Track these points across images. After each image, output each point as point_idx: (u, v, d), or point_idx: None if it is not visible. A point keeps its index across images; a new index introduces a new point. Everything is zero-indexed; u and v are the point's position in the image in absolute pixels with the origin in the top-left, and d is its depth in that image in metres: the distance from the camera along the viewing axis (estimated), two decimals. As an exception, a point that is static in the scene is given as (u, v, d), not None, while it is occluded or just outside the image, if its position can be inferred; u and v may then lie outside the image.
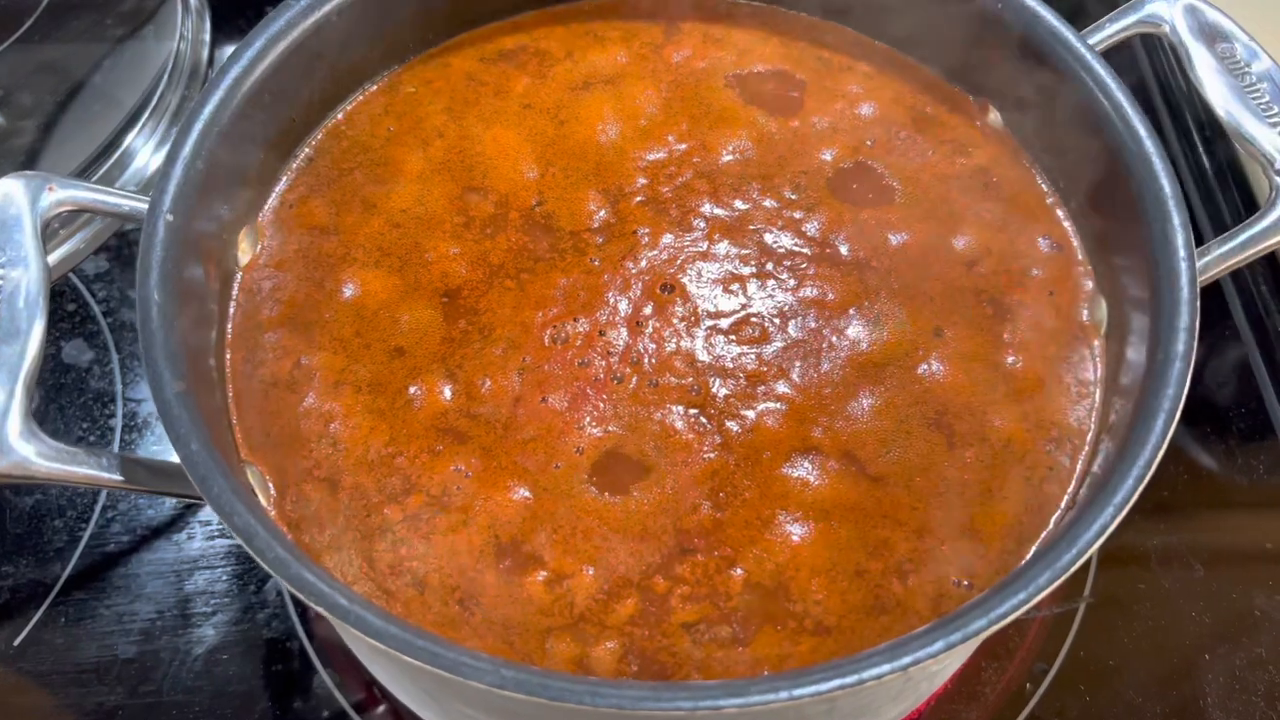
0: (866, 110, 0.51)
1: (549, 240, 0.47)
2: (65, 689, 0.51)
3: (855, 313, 0.45)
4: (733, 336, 0.45)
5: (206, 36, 0.66)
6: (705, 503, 0.41)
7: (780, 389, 0.43)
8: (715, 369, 0.44)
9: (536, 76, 0.52)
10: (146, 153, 0.61)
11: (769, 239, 0.47)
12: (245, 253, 0.46)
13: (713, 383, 0.43)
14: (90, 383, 0.60)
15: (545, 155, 0.50)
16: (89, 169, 0.59)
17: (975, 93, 0.51)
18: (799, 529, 0.40)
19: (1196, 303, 0.39)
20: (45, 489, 0.56)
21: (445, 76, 0.52)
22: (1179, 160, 0.68)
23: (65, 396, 0.59)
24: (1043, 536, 0.39)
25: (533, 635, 0.38)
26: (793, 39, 0.54)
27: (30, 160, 0.59)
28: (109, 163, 0.60)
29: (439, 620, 0.38)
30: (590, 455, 0.41)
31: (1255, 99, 0.44)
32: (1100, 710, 0.51)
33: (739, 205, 0.48)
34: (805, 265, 0.46)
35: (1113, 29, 0.48)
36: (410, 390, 0.43)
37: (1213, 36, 0.46)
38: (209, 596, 0.54)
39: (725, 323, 0.45)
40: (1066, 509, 0.40)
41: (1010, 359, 0.44)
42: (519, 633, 0.38)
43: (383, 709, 0.52)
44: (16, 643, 0.52)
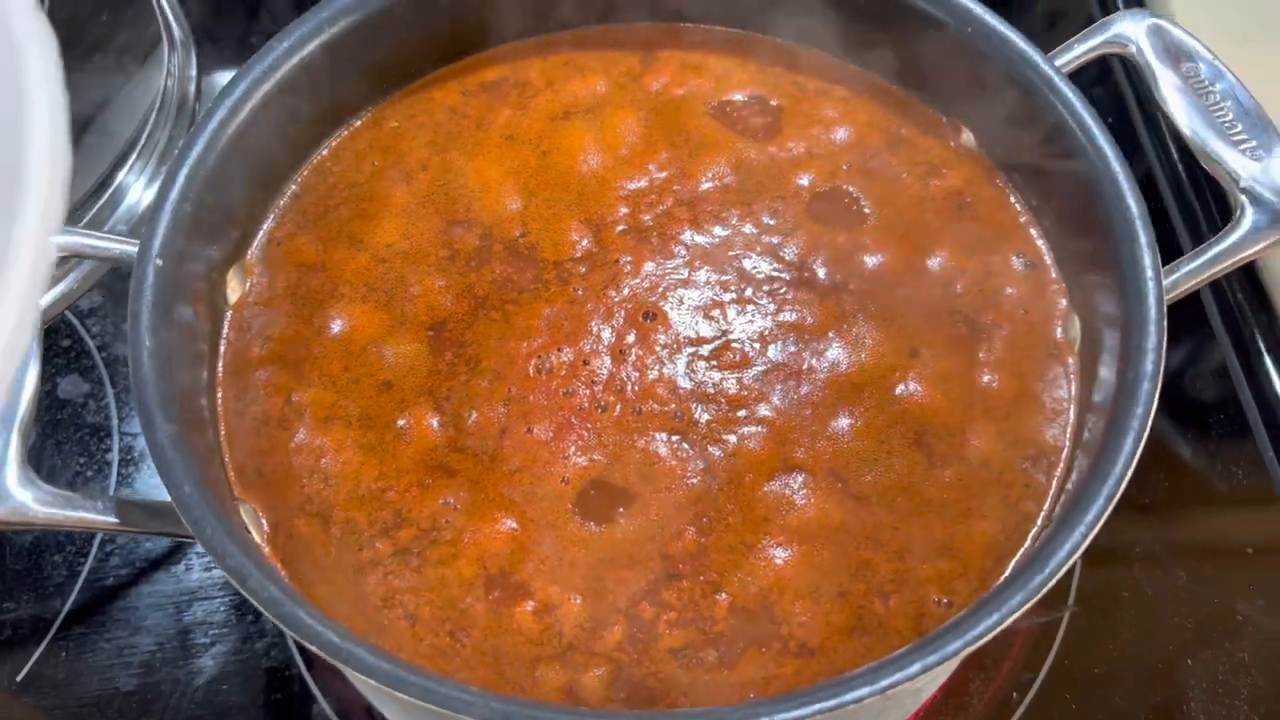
0: (842, 134, 0.52)
1: (533, 271, 0.48)
2: (68, 722, 0.52)
3: (834, 335, 0.46)
4: (714, 362, 0.45)
5: (193, 71, 0.67)
6: (690, 528, 0.41)
7: (761, 412, 0.44)
8: (697, 395, 0.44)
9: (518, 108, 0.53)
10: (138, 190, 0.62)
11: (748, 265, 0.48)
12: (234, 291, 0.47)
13: (695, 408, 0.44)
14: (86, 417, 0.60)
15: (528, 186, 0.50)
16: (81, 208, 0.60)
17: (949, 114, 0.52)
18: (782, 551, 0.41)
19: (1164, 322, 0.40)
20: (44, 524, 0.57)
21: (428, 110, 0.53)
22: (1158, 174, 0.69)
23: (61, 432, 0.60)
24: (1019, 554, 0.40)
25: (523, 664, 0.39)
26: (769, 64, 0.55)
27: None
28: (100, 201, 0.61)
29: (431, 652, 0.39)
30: (575, 485, 0.42)
31: (1219, 117, 0.45)
32: (1086, 717, 0.52)
33: (719, 232, 0.49)
34: (784, 290, 0.47)
35: (1080, 49, 0.49)
36: (399, 424, 0.44)
37: (1178, 56, 0.47)
38: (208, 627, 0.54)
39: (706, 349, 0.46)
40: (1043, 526, 0.41)
41: (986, 378, 0.45)
42: (509, 662, 0.39)
43: (381, 734, 0.53)
44: (19, 678, 0.53)
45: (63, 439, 0.60)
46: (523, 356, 0.45)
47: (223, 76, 0.70)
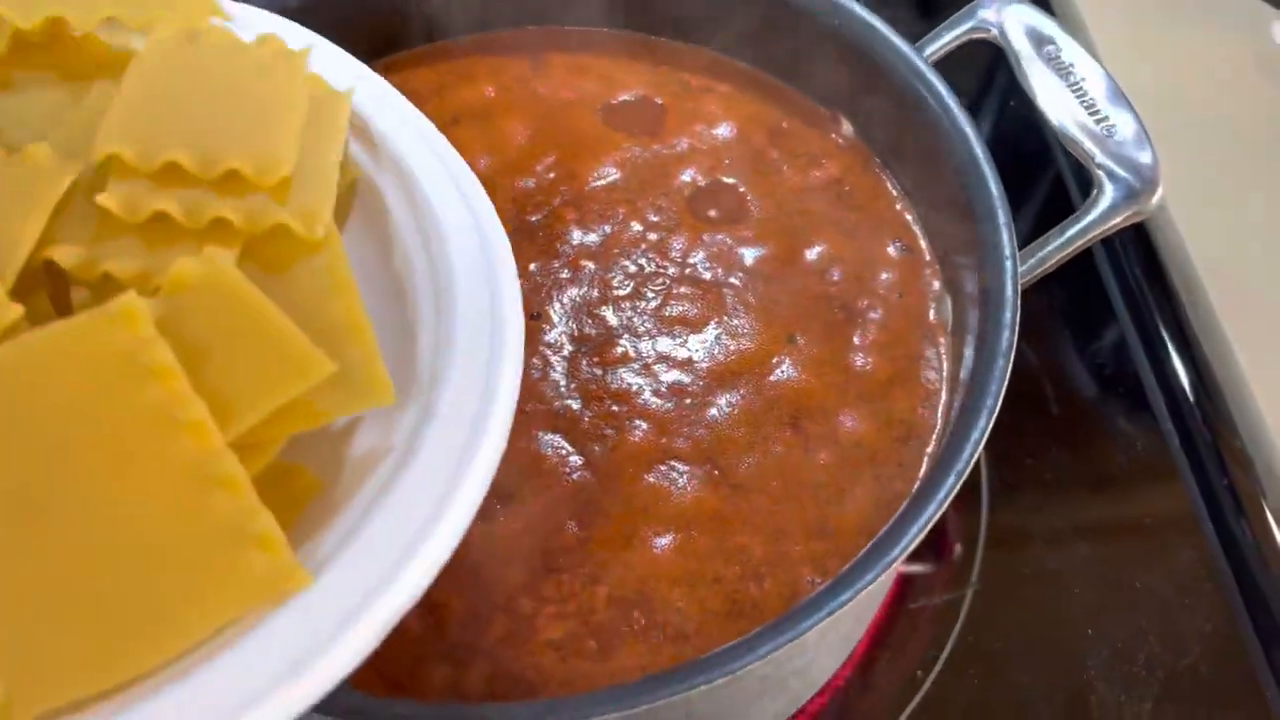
0: (724, 130, 0.53)
1: (420, 276, 0.48)
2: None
3: (714, 327, 0.47)
4: (596, 359, 0.46)
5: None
6: (571, 522, 0.42)
7: (642, 406, 0.45)
8: (580, 392, 0.45)
9: (406, 116, 0.54)
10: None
11: (632, 262, 0.49)
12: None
13: (576, 406, 0.45)
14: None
15: (416, 193, 0.51)
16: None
17: (828, 106, 0.53)
18: (660, 541, 0.42)
19: (1017, 300, 0.41)
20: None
21: (318, 122, 0.54)
22: (1057, 155, 0.70)
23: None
24: (880, 534, 0.41)
25: (405, 663, 0.40)
26: (655, 64, 0.56)
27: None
28: None
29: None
30: (456, 485, 0.43)
31: (1078, 97, 0.46)
32: (990, 691, 0.52)
33: (605, 229, 0.50)
34: (667, 285, 0.48)
35: (948, 37, 0.50)
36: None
37: (1039, 39, 0.48)
38: None
39: (589, 346, 0.46)
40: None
41: (861, 360, 0.46)
42: (393, 662, 0.40)
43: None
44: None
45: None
46: (408, 361, 0.46)
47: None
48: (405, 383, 0.31)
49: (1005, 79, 0.72)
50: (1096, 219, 0.44)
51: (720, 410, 0.44)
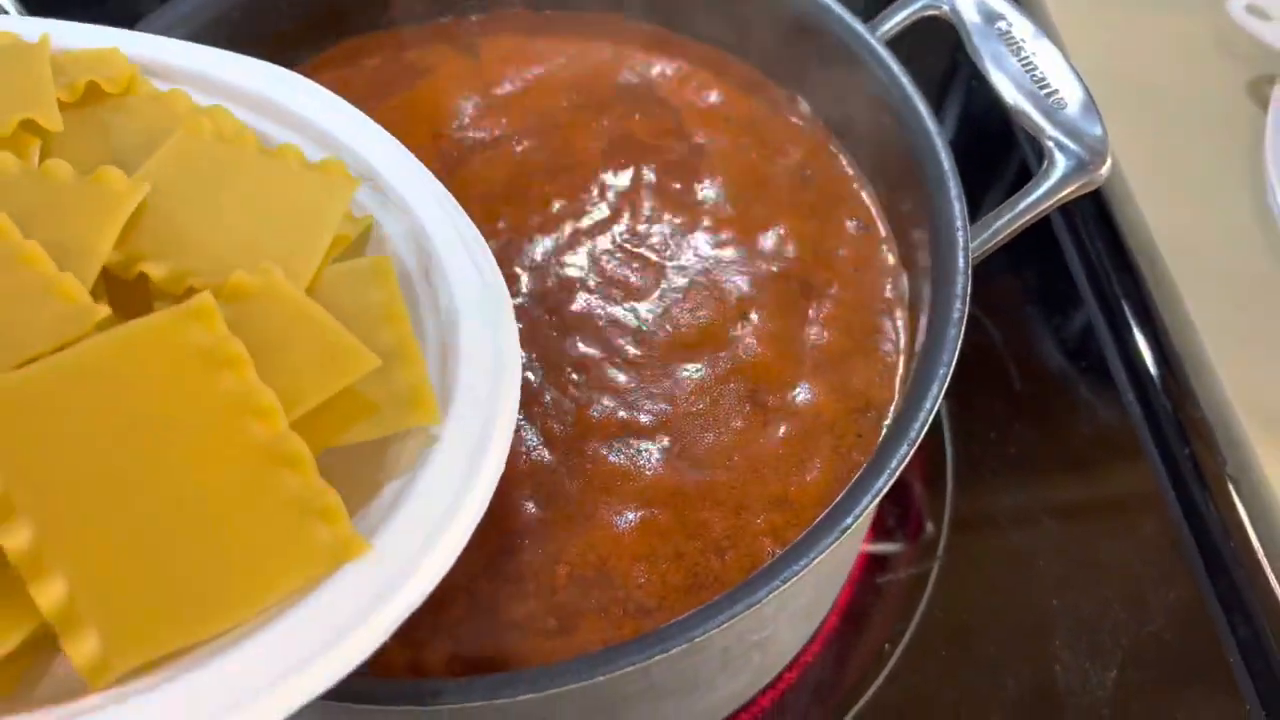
0: (681, 105, 0.53)
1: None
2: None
3: (673, 305, 0.47)
4: (555, 333, 0.46)
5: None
6: (529, 502, 0.42)
7: (603, 383, 0.45)
8: (542, 363, 0.45)
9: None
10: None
11: (594, 242, 0.49)
12: None
13: (536, 381, 0.45)
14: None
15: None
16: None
17: (786, 85, 0.53)
18: (621, 519, 0.42)
19: (969, 270, 0.41)
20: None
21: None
22: (1020, 134, 0.71)
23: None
24: (834, 503, 0.41)
25: (366, 645, 0.40)
26: (620, 44, 0.56)
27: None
28: None
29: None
30: (415, 467, 0.43)
31: (1030, 72, 0.47)
32: (957, 663, 0.53)
33: (566, 209, 0.50)
34: (627, 263, 0.48)
35: (900, 15, 0.50)
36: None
37: (990, 15, 0.48)
38: None
39: (547, 313, 0.46)
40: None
41: (817, 335, 0.46)
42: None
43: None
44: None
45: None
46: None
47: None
48: None
49: (969, 60, 0.73)
50: (1047, 191, 0.44)
51: (683, 388, 0.45)
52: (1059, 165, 0.45)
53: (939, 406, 0.38)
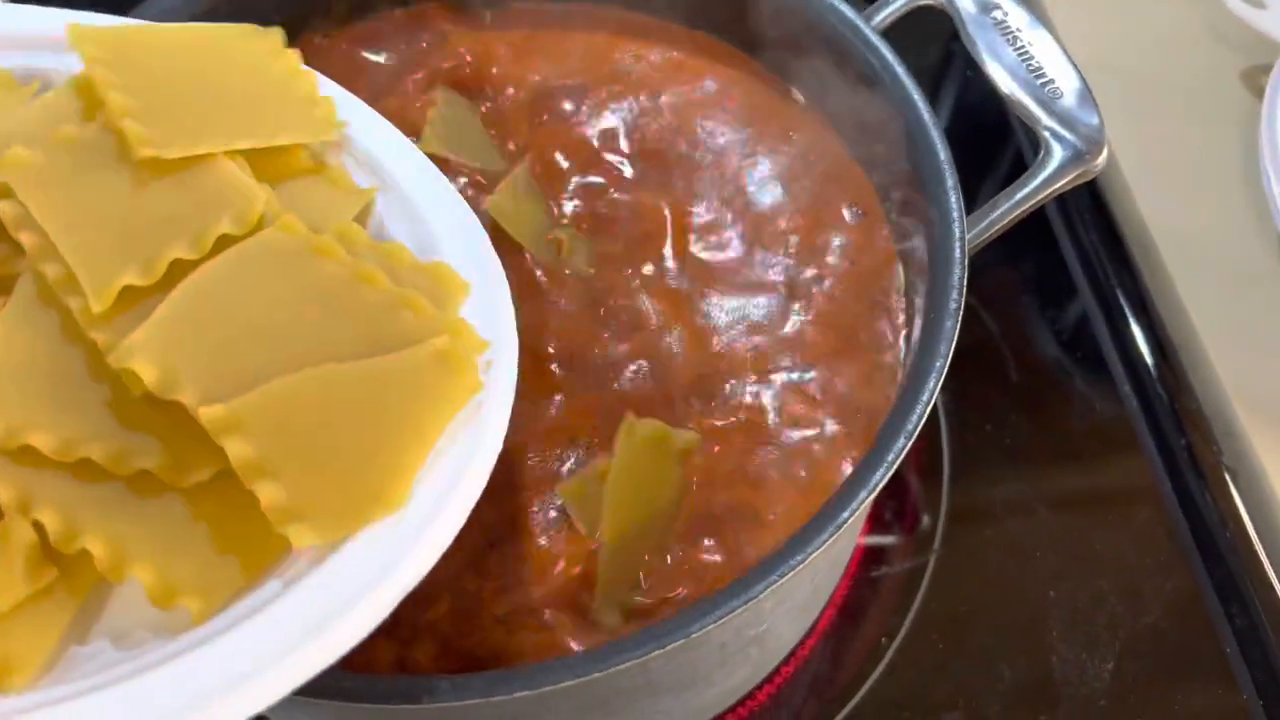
0: (683, 98, 0.52)
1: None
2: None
3: (669, 293, 0.46)
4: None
5: None
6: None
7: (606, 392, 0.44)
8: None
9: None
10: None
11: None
12: None
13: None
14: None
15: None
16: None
17: (786, 75, 0.53)
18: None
19: (965, 261, 0.41)
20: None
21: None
22: (1016, 125, 0.70)
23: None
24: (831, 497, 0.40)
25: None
26: (615, 35, 0.55)
27: None
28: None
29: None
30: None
31: (1025, 61, 0.46)
32: (953, 654, 0.53)
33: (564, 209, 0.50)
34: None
35: (895, 5, 0.50)
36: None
37: (985, 4, 0.48)
38: None
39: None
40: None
41: (814, 325, 0.45)
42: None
43: None
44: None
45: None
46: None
47: None
48: None
49: (964, 49, 0.72)
50: (1044, 181, 0.44)
51: (674, 378, 0.44)
52: (1055, 155, 0.44)
53: (935, 399, 0.38)
